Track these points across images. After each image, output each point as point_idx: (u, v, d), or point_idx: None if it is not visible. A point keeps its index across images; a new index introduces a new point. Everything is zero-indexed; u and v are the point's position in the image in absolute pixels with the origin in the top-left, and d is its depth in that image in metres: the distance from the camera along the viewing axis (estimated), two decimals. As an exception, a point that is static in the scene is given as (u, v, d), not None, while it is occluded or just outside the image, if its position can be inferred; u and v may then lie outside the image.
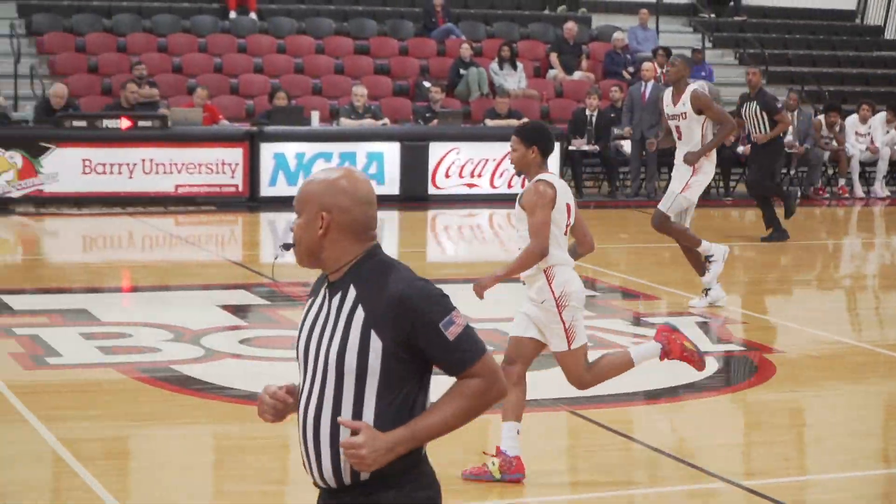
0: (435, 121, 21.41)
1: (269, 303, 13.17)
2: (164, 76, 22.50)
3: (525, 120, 18.00)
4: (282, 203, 19.40)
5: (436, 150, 20.67)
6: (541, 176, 7.74)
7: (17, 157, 19.06)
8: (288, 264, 5.46)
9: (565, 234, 7.85)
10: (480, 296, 7.93)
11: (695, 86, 12.99)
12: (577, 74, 24.97)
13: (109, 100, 21.44)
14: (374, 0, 26.52)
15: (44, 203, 19.17)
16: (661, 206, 13.11)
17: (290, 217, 14.40)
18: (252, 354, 10.88)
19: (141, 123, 19.59)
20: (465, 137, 21.25)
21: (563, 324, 7.73)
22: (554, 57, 25.13)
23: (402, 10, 26.46)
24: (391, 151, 20.65)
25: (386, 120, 21.51)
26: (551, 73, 25.07)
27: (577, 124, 22.22)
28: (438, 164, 20.83)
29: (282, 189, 19.89)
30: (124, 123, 19.48)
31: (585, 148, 21.94)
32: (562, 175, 21.54)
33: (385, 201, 19.91)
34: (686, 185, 12.93)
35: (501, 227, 19.54)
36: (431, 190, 20.76)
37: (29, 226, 18.49)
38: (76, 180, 19.31)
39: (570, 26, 25.40)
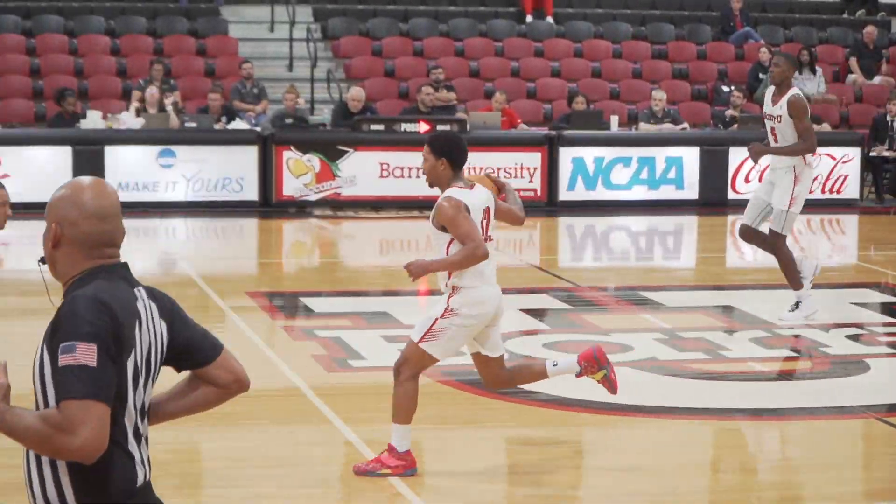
0: (735, 125, 20.89)
1: (570, 307, 12.92)
2: (460, 80, 22.58)
3: (439, 130, 17.89)
4: (581, 207, 19.24)
5: (736, 154, 20.11)
6: (448, 192, 7.46)
7: (314, 161, 19.31)
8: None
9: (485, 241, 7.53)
10: (410, 271, 7.61)
11: (796, 90, 12.13)
12: (877, 79, 24.14)
13: (406, 103, 21.60)
14: (672, 4, 26.16)
15: (341, 206, 19.38)
16: (774, 226, 12.18)
17: (586, 222, 14.16)
18: (556, 359, 10.62)
19: (439, 127, 19.61)
20: (765, 142, 20.66)
21: (433, 323, 7.50)
22: (853, 61, 24.40)
23: (700, 14, 26.03)
24: (690, 156, 20.22)
25: (685, 124, 21.07)
26: (850, 77, 24.31)
27: (877, 130, 21.45)
28: (738, 168, 20.28)
29: (580, 194, 19.75)
30: (422, 127, 19.52)
31: (886, 154, 21.06)
32: (862, 181, 20.78)
33: (683, 206, 19.59)
34: (791, 199, 12.09)
35: (801, 233, 18.89)
36: (731, 195, 20.21)
37: (326, 229, 18.69)
38: (373, 184, 19.49)
39: (870, 30, 24.65)
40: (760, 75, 23.03)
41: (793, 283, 12.29)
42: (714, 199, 20.05)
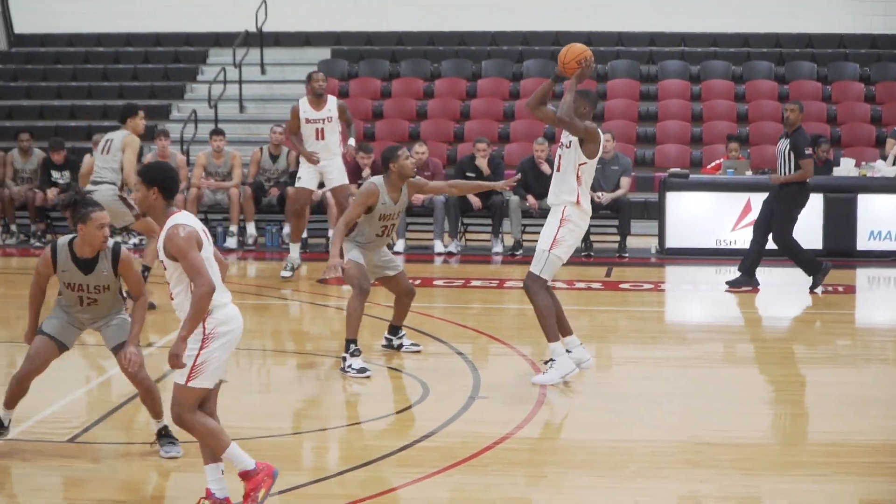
0: None
1: None
2: None
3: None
4: None
5: None
6: (174, 219, 7.22)
7: None
8: None
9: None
10: (179, 366, 7.18)
11: None
12: None
13: None
14: None
15: None
16: (533, 266, 10.69)
17: None
18: None
19: None
20: None
21: (195, 359, 7.21)
22: None
23: None
24: None
25: None
26: None
27: None
28: None
29: None
30: None
31: None
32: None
33: None
34: (554, 240, 10.64)
35: None
36: None
37: None
38: None
39: None
40: None
41: (547, 333, 10.68)
42: None
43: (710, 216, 18.86)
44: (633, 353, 12.32)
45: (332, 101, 16.36)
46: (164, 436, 8.56)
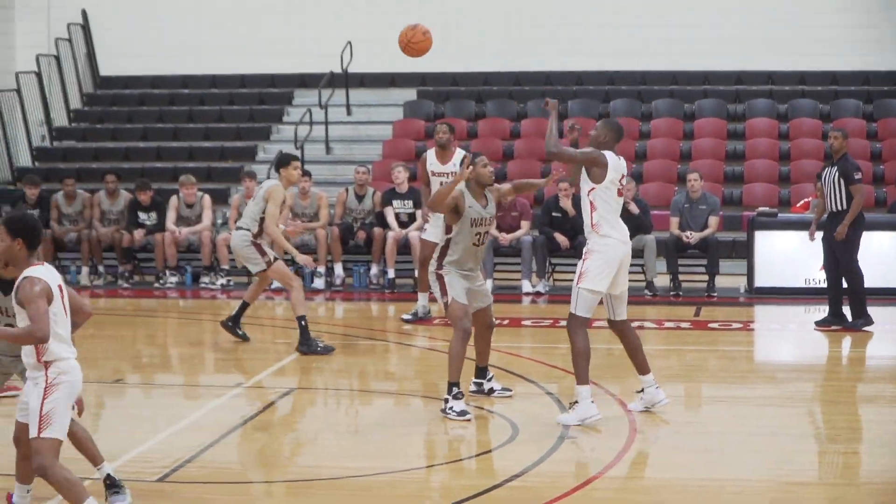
0: None
1: None
2: None
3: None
4: None
5: None
6: (30, 271, 7.37)
7: None
8: None
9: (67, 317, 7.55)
10: None
11: None
12: None
13: None
14: None
15: None
16: (571, 304, 10.59)
17: None
18: None
19: None
20: None
21: (41, 410, 7.39)
22: None
23: None
24: None
25: None
26: None
27: None
28: None
29: None
30: None
31: None
32: None
33: None
34: (580, 274, 10.50)
35: None
36: None
37: None
38: None
39: None
40: None
41: (577, 375, 10.44)
42: None
43: (798, 255, 18.67)
44: (721, 393, 12.22)
45: (458, 156, 15.23)
46: (108, 486, 8.22)
